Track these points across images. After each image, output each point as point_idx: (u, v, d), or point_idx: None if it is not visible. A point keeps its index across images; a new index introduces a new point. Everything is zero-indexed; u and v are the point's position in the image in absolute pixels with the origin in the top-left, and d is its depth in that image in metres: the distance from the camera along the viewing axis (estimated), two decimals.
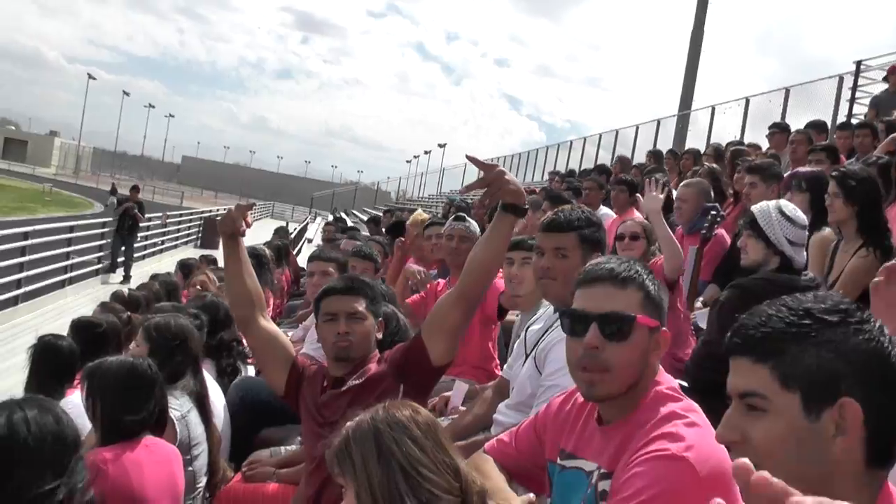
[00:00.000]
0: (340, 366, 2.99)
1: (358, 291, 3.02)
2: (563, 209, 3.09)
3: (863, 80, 13.97)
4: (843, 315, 1.28)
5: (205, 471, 3.30)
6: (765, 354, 1.29)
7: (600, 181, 8.44)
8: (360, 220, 31.73)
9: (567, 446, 2.04)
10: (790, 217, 3.55)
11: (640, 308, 1.90)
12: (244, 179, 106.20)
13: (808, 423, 1.26)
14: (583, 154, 25.69)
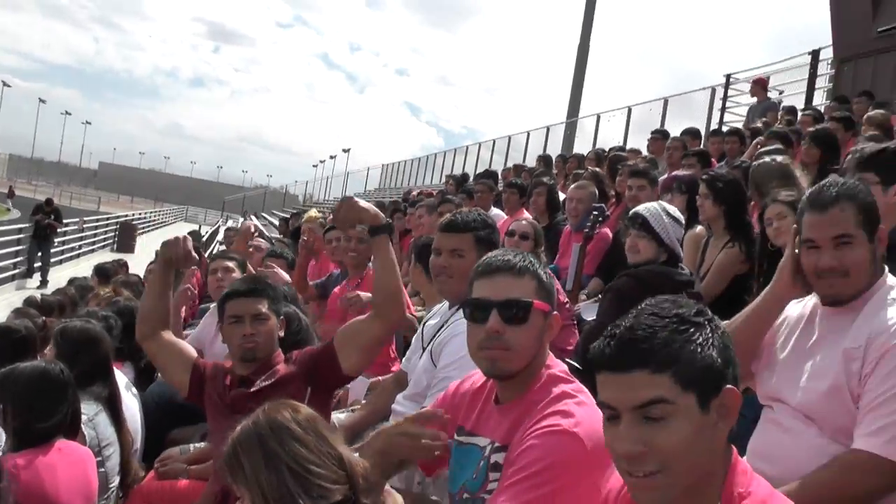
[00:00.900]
0: (246, 365, 3.06)
1: (260, 293, 3.09)
2: (461, 212, 3.28)
3: (732, 91, 15.23)
4: (704, 316, 1.46)
5: (117, 471, 3.32)
6: (663, 363, 1.38)
7: (490, 184, 8.77)
8: (271, 223, 32.49)
9: (466, 425, 2.18)
10: (675, 217, 3.90)
11: (535, 294, 2.05)
12: (159, 184, 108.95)
13: (704, 416, 1.39)
14: (478, 158, 26.46)
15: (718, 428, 1.42)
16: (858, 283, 2.22)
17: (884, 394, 2.06)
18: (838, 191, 2.24)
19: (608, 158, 9.10)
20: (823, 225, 2.23)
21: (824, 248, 2.22)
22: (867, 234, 2.22)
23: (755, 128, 9.33)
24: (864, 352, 2.14)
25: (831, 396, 2.17)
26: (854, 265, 2.20)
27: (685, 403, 1.38)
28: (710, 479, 1.44)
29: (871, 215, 2.24)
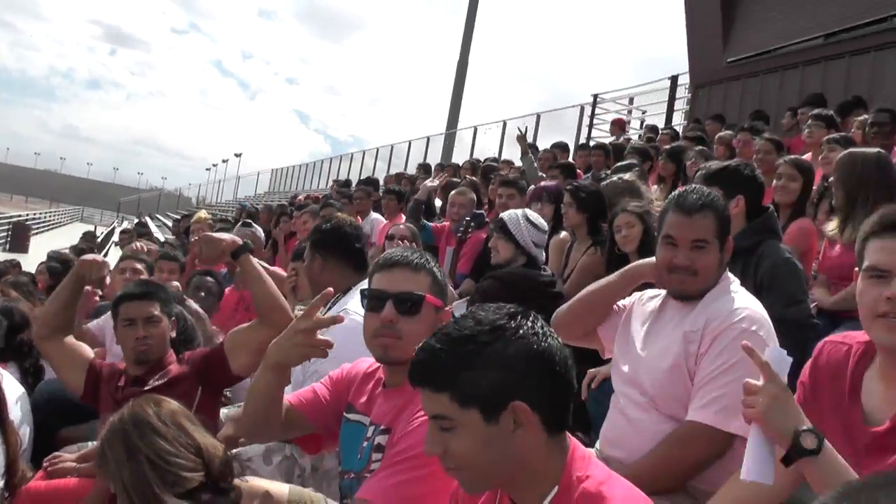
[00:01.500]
0: (140, 367, 3.17)
1: (153, 296, 3.21)
2: (318, 223, 3.58)
3: (599, 109, 16.21)
4: (498, 331, 1.51)
5: (2, 472, 3.24)
6: (441, 385, 1.50)
7: (368, 190, 9.07)
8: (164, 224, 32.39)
9: (355, 403, 2.30)
10: (534, 223, 4.21)
11: (429, 290, 2.19)
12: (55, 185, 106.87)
13: (490, 427, 1.48)
14: (362, 165, 27.14)
15: (517, 434, 1.49)
16: (705, 283, 2.45)
17: (715, 370, 2.28)
18: (704, 200, 2.45)
19: (482, 168, 9.63)
20: (686, 227, 2.43)
21: (682, 248, 2.43)
22: (720, 242, 2.45)
23: (617, 144, 10.07)
24: (701, 334, 2.35)
25: (672, 374, 2.38)
26: (704, 268, 2.42)
27: (467, 419, 1.48)
28: (536, 472, 1.54)
29: (726, 226, 2.49)
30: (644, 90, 15.70)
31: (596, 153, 9.31)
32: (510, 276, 4.08)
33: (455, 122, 23.30)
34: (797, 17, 11.57)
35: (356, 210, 8.09)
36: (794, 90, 11.11)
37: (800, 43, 11.51)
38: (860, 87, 9.61)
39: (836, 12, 10.90)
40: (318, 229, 3.57)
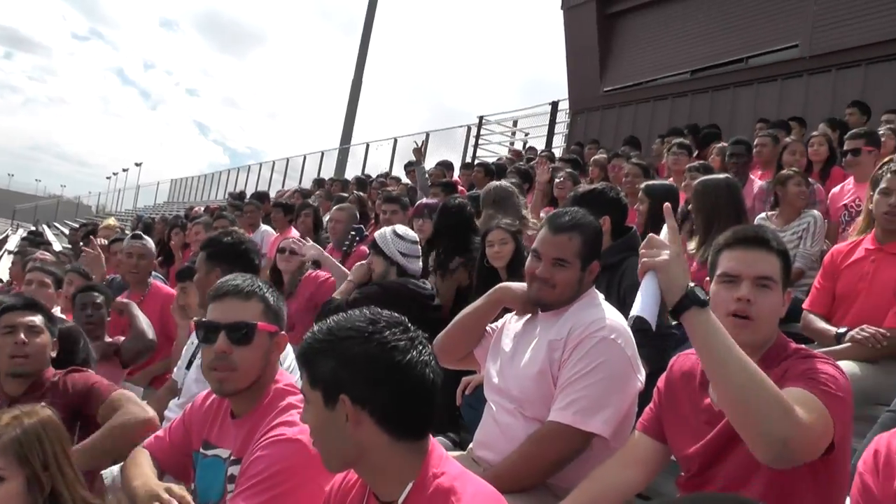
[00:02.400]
0: (17, 383, 2.97)
1: (37, 308, 3.09)
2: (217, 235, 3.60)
3: (484, 130, 16.66)
4: (354, 331, 1.64)
5: None
6: (304, 363, 1.68)
7: (258, 204, 9.15)
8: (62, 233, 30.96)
9: (210, 437, 2.29)
10: (401, 235, 4.35)
11: (262, 316, 2.20)
12: None
13: (329, 412, 1.63)
14: (259, 177, 27.16)
15: (348, 427, 1.61)
16: (562, 297, 2.57)
17: (575, 374, 2.38)
18: (574, 222, 2.58)
19: (371, 184, 9.86)
20: (550, 245, 2.56)
21: (545, 262, 2.55)
22: (582, 262, 2.56)
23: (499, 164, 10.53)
24: (565, 342, 2.45)
25: (538, 380, 2.48)
26: (561, 283, 2.55)
27: (313, 398, 1.66)
28: (384, 469, 1.65)
29: (592, 248, 2.60)
30: (527, 114, 16.29)
31: (478, 171, 9.68)
32: (393, 284, 4.23)
33: (349, 137, 23.57)
34: (668, 54, 12.45)
35: (247, 223, 8.17)
36: (665, 119, 11.97)
37: (669, 77, 12.40)
38: (722, 119, 10.48)
39: (702, 52, 11.85)
40: (218, 242, 3.54)
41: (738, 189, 4.46)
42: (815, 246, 4.67)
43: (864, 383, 3.05)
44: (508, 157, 13.11)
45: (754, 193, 5.93)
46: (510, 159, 12.59)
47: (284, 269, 5.05)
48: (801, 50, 10.43)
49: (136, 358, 4.37)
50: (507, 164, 10.27)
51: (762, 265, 2.03)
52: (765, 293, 2.02)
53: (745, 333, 1.96)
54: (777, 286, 2.04)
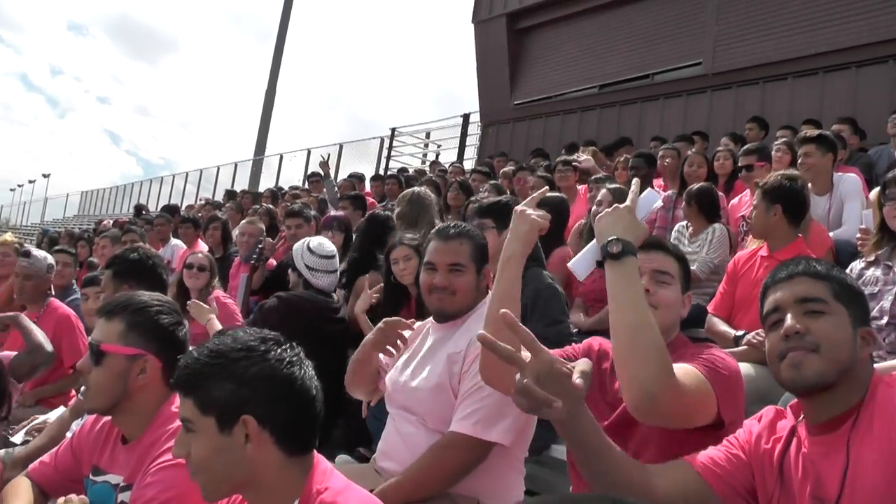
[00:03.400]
0: None
1: None
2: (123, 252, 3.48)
3: (397, 142, 16.67)
4: (247, 351, 1.63)
5: None
6: (188, 390, 1.63)
7: (168, 217, 8.97)
8: None
9: (99, 463, 2.22)
10: (313, 250, 4.33)
11: (118, 338, 2.10)
12: None
13: (224, 437, 1.59)
14: (172, 188, 26.51)
15: (248, 448, 1.60)
16: (463, 303, 2.63)
17: (475, 385, 2.42)
18: (460, 231, 2.67)
19: (283, 196, 9.75)
20: (443, 252, 2.63)
21: (441, 271, 2.61)
22: (476, 266, 2.64)
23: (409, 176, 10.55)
24: (464, 355, 2.50)
25: (437, 394, 2.52)
26: (461, 288, 2.61)
27: (205, 425, 1.60)
28: (271, 487, 1.64)
29: (482, 253, 2.68)
30: (439, 126, 16.40)
31: (391, 182, 9.73)
32: (292, 298, 4.20)
33: (263, 148, 23.26)
34: (577, 69, 12.71)
35: (157, 237, 8.03)
36: (574, 132, 12.16)
37: (578, 91, 12.62)
38: (630, 132, 10.75)
39: (610, 68, 12.14)
40: (124, 258, 3.46)
41: None
42: (714, 254, 4.85)
43: (758, 383, 3.17)
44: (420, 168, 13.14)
45: None
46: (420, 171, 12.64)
47: (192, 286, 4.95)
48: (704, 67, 10.79)
49: (31, 373, 4.11)
50: (417, 176, 10.27)
51: (658, 262, 2.22)
52: (663, 287, 2.19)
53: None
54: (675, 283, 2.22)
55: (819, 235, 4.24)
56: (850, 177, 5.04)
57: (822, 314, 1.65)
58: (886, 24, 8.79)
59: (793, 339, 1.65)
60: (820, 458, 1.62)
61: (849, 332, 1.63)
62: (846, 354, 1.62)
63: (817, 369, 1.61)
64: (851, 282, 1.71)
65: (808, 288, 1.68)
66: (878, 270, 3.15)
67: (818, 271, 1.71)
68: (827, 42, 9.25)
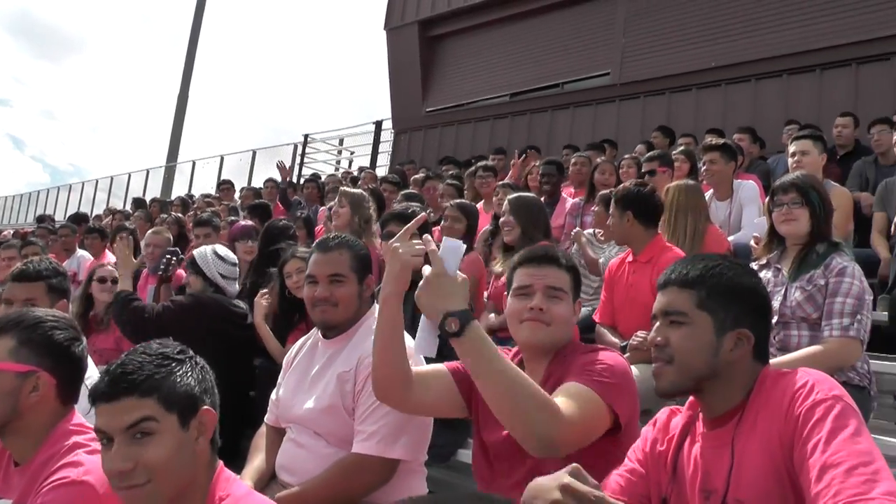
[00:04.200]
0: None
1: None
2: (32, 260, 3.30)
3: (310, 149, 16.48)
4: (184, 353, 1.72)
5: None
6: (151, 388, 1.61)
7: (73, 227, 8.66)
8: None
9: None
10: (222, 257, 4.32)
11: (9, 355, 2.00)
12: None
13: (184, 434, 1.62)
14: (81, 195, 25.40)
15: (199, 443, 1.65)
16: (345, 314, 2.63)
17: (372, 405, 2.43)
18: (340, 241, 2.69)
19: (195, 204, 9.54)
20: (323, 264, 2.64)
21: (321, 283, 2.61)
22: (357, 276, 2.64)
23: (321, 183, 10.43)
24: (355, 373, 2.51)
25: (331, 413, 2.52)
26: (343, 299, 2.61)
27: (168, 422, 1.61)
28: (195, 487, 1.66)
29: (363, 263, 2.68)
30: (352, 132, 16.31)
31: (309, 185, 9.78)
32: (206, 297, 4.18)
33: (175, 154, 22.45)
34: (488, 78, 12.83)
35: (62, 247, 7.71)
36: (485, 140, 12.23)
37: (490, 99, 12.72)
38: (541, 140, 10.89)
39: (521, 77, 12.31)
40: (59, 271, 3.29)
41: (544, 208, 4.70)
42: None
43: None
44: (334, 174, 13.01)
45: (567, 210, 6.30)
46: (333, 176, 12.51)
47: (104, 299, 4.85)
48: (613, 78, 11.02)
49: None
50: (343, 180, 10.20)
51: (552, 278, 2.24)
52: (555, 302, 2.22)
53: (541, 335, 2.20)
54: (567, 296, 2.25)
55: (716, 239, 4.37)
56: (748, 183, 5.26)
57: (681, 325, 1.69)
58: (782, 40, 9.20)
59: (656, 350, 1.72)
60: (710, 452, 1.67)
61: (707, 340, 1.67)
62: (701, 363, 1.67)
63: (670, 379, 1.70)
64: (732, 282, 1.71)
65: (672, 299, 1.72)
66: (770, 272, 3.25)
67: (687, 280, 1.72)
68: (728, 56, 9.59)
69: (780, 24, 9.23)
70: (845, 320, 2.92)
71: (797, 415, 1.49)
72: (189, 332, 3.84)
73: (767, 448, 1.53)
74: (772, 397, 1.58)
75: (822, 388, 1.50)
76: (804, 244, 3.16)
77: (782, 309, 3.08)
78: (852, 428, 1.41)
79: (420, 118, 13.78)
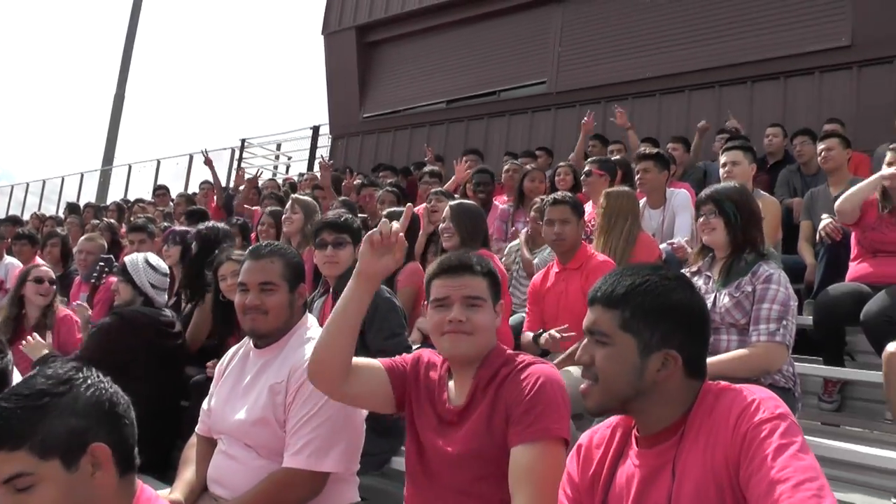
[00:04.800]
0: None
1: None
2: None
3: (247, 154, 16.29)
4: (68, 383, 1.53)
5: None
6: (18, 442, 1.45)
7: (2, 232, 8.38)
8: None
9: None
10: (154, 266, 4.24)
11: None
12: None
13: (72, 475, 1.47)
14: (10, 199, 24.36)
15: (96, 477, 1.51)
16: (276, 322, 2.63)
17: (303, 417, 2.45)
18: (272, 248, 2.70)
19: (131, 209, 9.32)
20: (254, 271, 2.64)
21: (252, 291, 2.61)
22: (289, 284, 2.65)
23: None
24: (286, 385, 2.50)
25: (262, 426, 2.51)
26: (273, 307, 2.61)
27: (48, 471, 1.46)
28: None
29: (295, 272, 2.69)
30: (290, 137, 16.15)
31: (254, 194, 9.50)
32: (129, 312, 4.08)
33: (111, 158, 21.87)
34: (425, 84, 12.84)
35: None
36: (422, 146, 12.21)
37: (427, 106, 12.74)
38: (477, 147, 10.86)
39: (458, 84, 12.36)
40: None
41: (482, 214, 4.74)
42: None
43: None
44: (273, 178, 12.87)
45: (497, 215, 6.43)
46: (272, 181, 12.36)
47: (40, 303, 4.82)
48: (549, 86, 11.14)
49: None
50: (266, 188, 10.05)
51: (468, 287, 2.23)
52: (475, 310, 2.21)
53: (464, 346, 2.19)
54: (486, 303, 2.24)
55: (647, 246, 4.44)
56: (681, 192, 5.37)
57: (605, 345, 1.65)
58: (714, 53, 9.44)
59: (584, 368, 1.70)
60: (648, 471, 1.63)
61: (631, 362, 1.62)
62: (624, 384, 1.63)
63: (595, 399, 1.67)
64: (658, 302, 1.64)
65: (597, 318, 1.68)
66: (700, 279, 3.34)
67: (611, 299, 1.66)
68: (663, 67, 9.78)
69: (713, 38, 9.47)
70: (772, 325, 3.01)
71: (743, 432, 1.49)
72: (122, 353, 3.85)
73: (710, 466, 1.52)
74: (715, 414, 1.57)
75: (767, 406, 1.51)
76: (731, 252, 3.25)
77: (712, 315, 3.16)
78: (797, 445, 1.43)
79: (357, 124, 13.71)
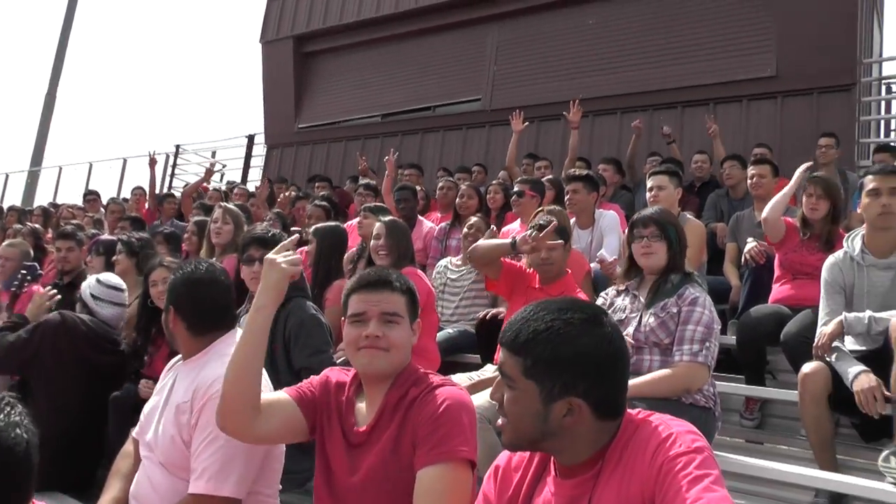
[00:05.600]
0: None
1: None
2: None
3: (181, 160, 16.17)
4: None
5: None
6: None
7: None
8: None
9: None
10: (101, 280, 4.35)
11: None
12: None
13: None
14: None
15: None
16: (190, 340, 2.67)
17: (203, 440, 2.41)
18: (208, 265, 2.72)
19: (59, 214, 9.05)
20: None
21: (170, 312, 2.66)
22: None
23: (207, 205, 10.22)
24: (191, 404, 2.48)
25: (171, 444, 2.50)
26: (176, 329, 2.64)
27: None
28: None
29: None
30: (225, 145, 15.91)
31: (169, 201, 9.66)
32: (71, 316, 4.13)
33: (40, 159, 21.07)
34: (361, 97, 12.79)
35: None
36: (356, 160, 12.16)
37: (362, 119, 12.70)
38: (411, 161, 10.87)
39: (393, 98, 12.34)
40: None
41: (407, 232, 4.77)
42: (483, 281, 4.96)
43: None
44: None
45: (425, 233, 6.44)
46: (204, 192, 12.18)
47: None
48: (483, 104, 11.21)
49: None
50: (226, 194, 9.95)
51: (386, 304, 2.21)
52: (392, 327, 2.20)
53: (379, 363, 2.17)
54: (404, 320, 2.23)
55: (577, 261, 4.57)
56: (610, 213, 5.46)
57: (511, 388, 1.63)
58: (646, 78, 9.62)
59: (498, 406, 1.68)
60: (565, 502, 1.63)
61: (534, 408, 1.59)
62: (530, 427, 1.61)
63: (508, 438, 1.67)
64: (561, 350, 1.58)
65: (504, 361, 1.65)
66: (627, 299, 3.39)
67: (515, 345, 1.63)
68: (596, 89, 9.92)
69: (647, 64, 9.65)
70: (695, 346, 3.07)
71: (659, 465, 1.50)
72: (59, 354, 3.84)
73: (626, 498, 1.53)
74: (632, 447, 1.57)
75: (684, 440, 1.52)
76: (660, 274, 3.31)
77: (636, 334, 3.22)
78: (712, 478, 1.45)
79: (292, 134, 13.58)
